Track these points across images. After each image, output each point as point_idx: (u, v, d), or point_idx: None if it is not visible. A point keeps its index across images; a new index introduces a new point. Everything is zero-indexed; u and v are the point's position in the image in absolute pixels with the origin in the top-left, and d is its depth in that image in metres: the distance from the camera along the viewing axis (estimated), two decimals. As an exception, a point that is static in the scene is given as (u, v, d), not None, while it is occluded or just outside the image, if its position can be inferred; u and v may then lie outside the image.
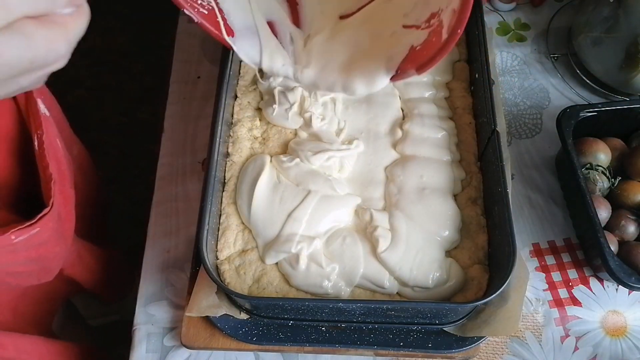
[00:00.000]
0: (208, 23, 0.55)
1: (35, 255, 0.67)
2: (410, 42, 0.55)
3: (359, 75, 0.58)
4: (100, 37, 1.94)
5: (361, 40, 0.60)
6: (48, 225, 0.62)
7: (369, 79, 0.58)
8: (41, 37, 0.36)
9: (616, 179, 0.72)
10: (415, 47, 0.54)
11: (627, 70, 0.77)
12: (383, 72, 0.57)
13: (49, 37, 0.37)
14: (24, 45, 0.35)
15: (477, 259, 0.62)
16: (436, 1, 0.52)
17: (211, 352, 0.66)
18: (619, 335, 0.68)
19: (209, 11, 0.56)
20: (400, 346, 0.61)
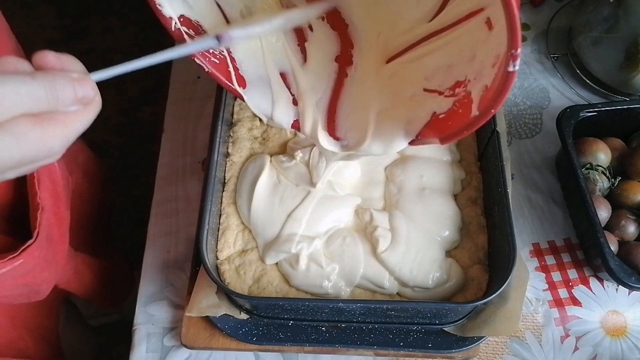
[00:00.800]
0: (219, 72, 0.54)
1: (22, 282, 0.66)
2: (432, 108, 0.50)
3: (376, 136, 0.54)
4: (100, 37, 1.94)
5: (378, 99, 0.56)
6: (33, 254, 0.61)
7: (386, 141, 0.54)
8: (35, 137, 0.35)
9: (616, 179, 0.72)
10: (438, 114, 0.50)
11: (627, 70, 0.77)
12: (402, 136, 0.52)
13: (44, 136, 0.36)
14: (13, 145, 0.34)
15: (477, 259, 0.62)
16: (461, 70, 0.48)
17: (211, 352, 0.66)
18: (619, 335, 0.68)
19: (220, 60, 0.54)
20: (400, 346, 0.61)
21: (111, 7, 1.98)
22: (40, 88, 0.35)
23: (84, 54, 1.77)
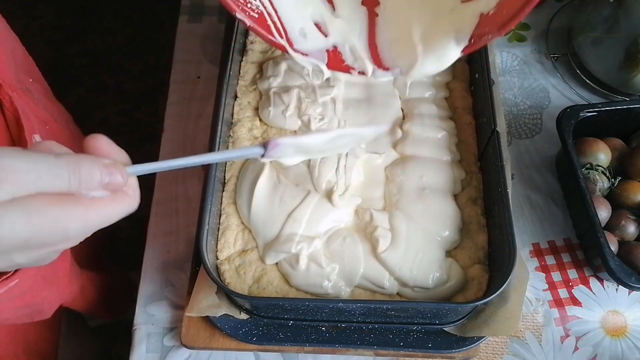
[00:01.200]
0: (259, 26, 0.56)
1: (22, 303, 0.64)
2: (477, 10, 0.52)
3: (428, 53, 0.55)
4: (100, 37, 1.94)
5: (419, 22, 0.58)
6: (29, 273, 0.58)
7: (439, 54, 0.55)
8: (49, 215, 0.33)
9: (616, 179, 0.72)
10: (487, 12, 0.52)
11: (627, 70, 0.77)
12: (453, 45, 0.54)
13: (59, 216, 0.34)
14: (22, 220, 0.32)
15: (477, 259, 0.62)
16: None
17: (211, 352, 0.66)
18: (619, 335, 0.68)
19: (259, 15, 0.57)
20: (400, 346, 0.61)
21: (111, 7, 1.98)
22: (63, 168, 0.34)
23: (84, 54, 1.79)
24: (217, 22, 0.91)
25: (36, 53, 0.78)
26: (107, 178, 0.37)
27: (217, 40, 0.88)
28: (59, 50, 1.90)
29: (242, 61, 0.76)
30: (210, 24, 0.91)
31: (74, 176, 0.35)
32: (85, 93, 1.83)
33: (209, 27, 0.91)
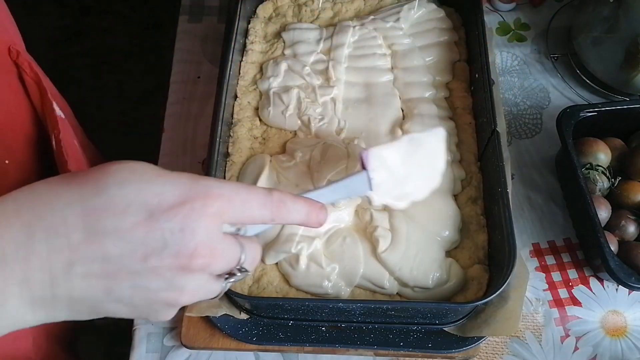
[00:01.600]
0: None
1: None
2: None
3: None
4: (100, 37, 1.94)
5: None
6: None
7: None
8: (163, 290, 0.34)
9: (616, 179, 0.72)
10: None
11: (627, 70, 0.77)
12: None
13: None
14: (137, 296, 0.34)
15: (477, 259, 0.62)
16: None
17: (211, 352, 0.66)
18: (619, 335, 0.68)
19: None
20: (400, 346, 0.61)
21: (111, 7, 1.98)
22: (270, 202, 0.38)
23: (84, 54, 1.79)
24: (217, 22, 0.91)
25: (36, 53, 0.78)
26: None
27: (217, 40, 0.88)
28: (59, 50, 1.90)
29: (242, 61, 0.76)
30: (210, 24, 0.91)
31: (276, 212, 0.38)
32: (85, 93, 1.83)
33: (209, 27, 0.91)
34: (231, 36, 0.71)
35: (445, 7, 0.81)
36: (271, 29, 0.81)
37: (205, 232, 0.34)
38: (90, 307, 0.34)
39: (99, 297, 0.33)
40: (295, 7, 0.82)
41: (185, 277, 0.34)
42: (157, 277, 0.33)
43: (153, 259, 0.33)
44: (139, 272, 0.33)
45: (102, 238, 0.32)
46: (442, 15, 0.80)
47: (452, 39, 0.78)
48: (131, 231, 0.32)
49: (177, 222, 0.33)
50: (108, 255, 0.32)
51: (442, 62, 0.75)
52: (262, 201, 0.37)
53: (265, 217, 0.38)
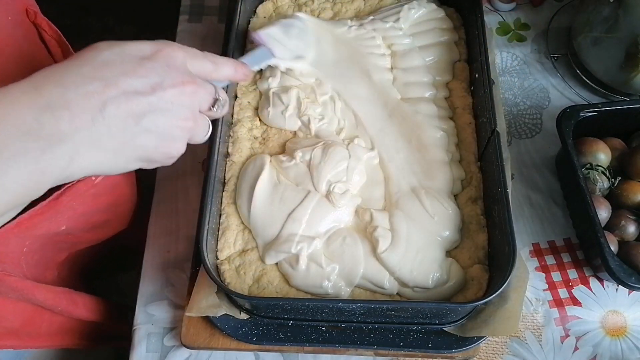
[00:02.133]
0: None
1: (112, 199, 0.72)
2: None
3: None
4: (100, 37, 1.94)
5: None
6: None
7: None
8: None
9: (616, 179, 0.72)
10: None
11: (627, 70, 0.77)
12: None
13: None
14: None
15: (477, 259, 0.62)
16: None
17: (211, 352, 0.66)
18: (618, 335, 0.68)
19: None
20: (400, 346, 0.61)
21: (111, 7, 1.98)
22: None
23: (84, 54, 1.69)
24: (217, 22, 0.91)
25: (36, 53, 0.78)
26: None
27: (217, 40, 0.88)
28: (59, 50, 1.89)
29: (242, 61, 0.76)
30: (210, 24, 0.91)
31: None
32: (85, 93, 1.83)
33: (209, 27, 0.91)
34: (231, 36, 0.71)
35: (445, 7, 0.81)
36: (271, 29, 0.81)
37: (180, 68, 0.46)
38: (127, 142, 0.42)
39: (132, 129, 0.42)
40: (295, 7, 0.82)
41: (184, 100, 0.45)
42: (167, 103, 0.43)
43: (159, 90, 0.43)
44: (155, 102, 0.43)
45: (116, 82, 0.41)
46: (442, 15, 0.79)
47: (452, 39, 0.78)
48: (135, 72, 0.42)
49: (160, 62, 0.44)
50: (126, 92, 0.41)
51: (442, 62, 0.75)
52: (205, 55, 0.50)
53: (208, 68, 0.50)
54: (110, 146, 0.41)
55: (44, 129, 0.37)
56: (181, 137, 0.46)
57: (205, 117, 0.49)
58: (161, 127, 0.44)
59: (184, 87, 0.45)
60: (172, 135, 0.45)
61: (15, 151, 0.36)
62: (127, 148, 0.42)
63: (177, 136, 0.46)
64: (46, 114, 0.38)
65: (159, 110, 0.43)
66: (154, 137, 0.44)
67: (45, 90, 0.38)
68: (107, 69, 0.41)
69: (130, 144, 0.42)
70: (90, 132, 0.39)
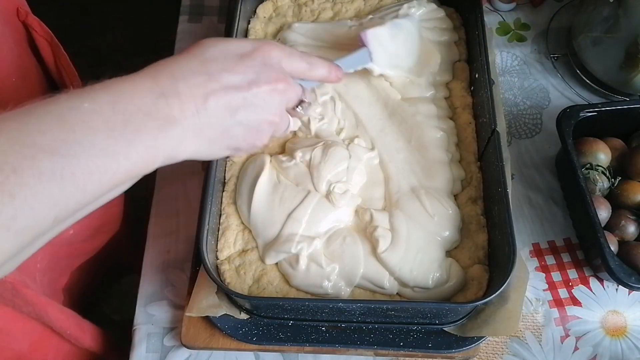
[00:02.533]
0: None
1: None
2: None
3: None
4: (100, 37, 1.94)
5: None
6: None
7: None
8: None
9: (616, 179, 0.72)
10: None
11: (627, 70, 0.77)
12: None
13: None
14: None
15: (477, 259, 0.62)
16: None
17: (211, 352, 0.66)
18: (619, 335, 0.68)
19: None
20: (400, 346, 0.61)
21: (111, 7, 1.98)
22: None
23: (85, 54, 1.77)
24: (217, 22, 0.91)
25: (36, 53, 0.78)
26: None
27: (217, 40, 0.88)
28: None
29: (242, 61, 0.76)
30: (210, 24, 0.91)
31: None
32: (85, 93, 1.83)
33: (209, 27, 0.91)
34: (231, 36, 0.71)
35: (445, 7, 0.81)
36: (271, 29, 0.81)
37: (276, 66, 0.50)
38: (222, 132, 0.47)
39: (228, 121, 0.46)
40: (295, 7, 0.82)
41: (275, 97, 0.49)
42: (259, 99, 0.48)
43: (254, 86, 0.47)
44: (249, 98, 0.47)
45: (217, 77, 0.46)
46: (442, 15, 0.79)
47: (452, 38, 0.78)
48: (235, 69, 0.47)
49: (259, 60, 0.48)
50: (226, 86, 0.46)
51: (442, 62, 0.75)
52: (301, 55, 0.53)
53: (303, 68, 0.53)
54: (208, 135, 0.45)
55: (160, 112, 0.42)
56: (267, 130, 0.51)
57: (288, 115, 0.54)
58: (252, 120, 0.48)
59: (277, 84, 0.49)
60: (260, 129, 0.50)
61: (138, 126, 0.41)
62: (221, 137, 0.47)
63: (264, 130, 0.50)
64: (161, 100, 0.42)
65: (252, 106, 0.47)
66: (244, 129, 0.48)
67: (160, 80, 0.43)
68: (211, 65, 0.46)
69: (224, 134, 0.47)
70: (195, 120, 0.44)
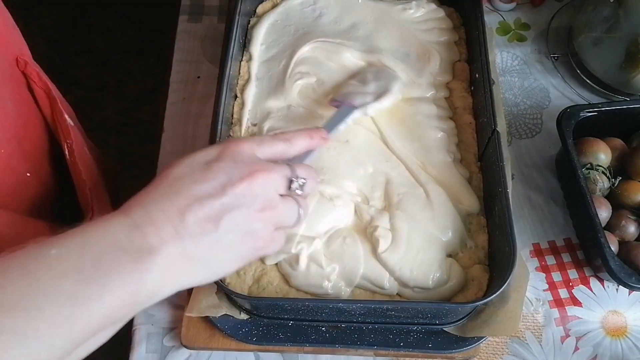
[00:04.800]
0: None
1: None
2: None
3: None
4: (100, 37, 1.94)
5: None
6: None
7: None
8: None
9: (616, 179, 0.72)
10: None
11: (627, 70, 0.77)
12: None
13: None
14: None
15: (477, 259, 0.62)
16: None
17: (211, 352, 0.66)
18: (619, 335, 0.68)
19: None
20: (400, 346, 0.61)
21: (111, 7, 1.98)
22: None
23: (84, 54, 1.78)
24: (217, 22, 0.91)
25: (36, 53, 0.78)
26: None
27: (217, 40, 0.88)
28: (59, 50, 1.90)
29: (242, 61, 0.76)
30: (210, 24, 0.91)
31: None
32: (85, 93, 1.83)
33: (209, 27, 0.91)
34: (231, 36, 0.71)
35: (445, 7, 0.81)
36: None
37: (247, 159, 0.46)
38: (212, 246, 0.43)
39: (213, 233, 0.42)
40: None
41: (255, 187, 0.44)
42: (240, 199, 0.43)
43: (229, 188, 0.43)
44: (227, 202, 0.43)
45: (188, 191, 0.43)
46: (442, 15, 0.80)
47: (452, 38, 0.78)
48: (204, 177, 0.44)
49: (227, 160, 0.45)
50: (199, 198, 0.42)
51: (442, 62, 0.75)
52: (273, 138, 0.49)
53: (280, 149, 0.49)
54: (197, 254, 0.42)
55: (135, 244, 0.39)
56: (264, 227, 0.46)
57: (289, 199, 0.47)
58: (242, 223, 0.44)
59: (254, 176, 0.44)
60: (254, 228, 0.45)
61: (111, 265, 0.38)
62: (214, 253, 0.43)
63: (259, 227, 0.45)
64: (135, 231, 0.40)
65: (234, 208, 0.43)
66: (238, 235, 0.44)
67: (132, 212, 0.41)
68: (180, 182, 0.43)
69: (216, 248, 0.43)
70: (177, 244, 0.41)
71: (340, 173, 0.66)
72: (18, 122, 0.60)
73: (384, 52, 0.74)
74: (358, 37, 0.76)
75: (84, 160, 0.66)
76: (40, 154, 0.65)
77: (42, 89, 0.65)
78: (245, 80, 0.74)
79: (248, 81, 0.74)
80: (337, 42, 0.74)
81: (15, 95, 0.61)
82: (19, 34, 0.65)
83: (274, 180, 0.46)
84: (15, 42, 0.63)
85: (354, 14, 0.79)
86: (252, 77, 0.74)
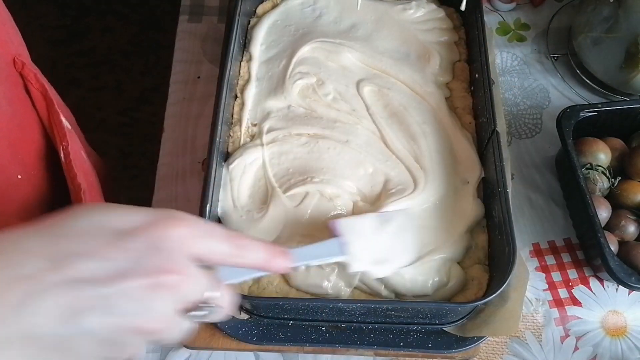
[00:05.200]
0: None
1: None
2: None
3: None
4: (100, 36, 1.94)
5: None
6: None
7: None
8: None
9: (616, 179, 0.72)
10: None
11: (627, 70, 0.77)
12: None
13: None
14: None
15: (477, 259, 0.62)
16: None
17: (211, 352, 0.66)
18: (619, 335, 0.68)
19: None
20: (400, 346, 0.61)
21: (111, 7, 1.98)
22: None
23: (84, 54, 1.79)
24: (217, 22, 0.91)
25: (36, 53, 0.78)
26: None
27: (217, 40, 0.88)
28: (59, 50, 1.90)
29: (242, 61, 0.76)
30: (210, 24, 0.91)
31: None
32: (85, 93, 1.83)
33: (209, 27, 0.91)
34: (231, 36, 0.71)
35: (445, 7, 0.81)
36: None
37: (170, 251, 0.34)
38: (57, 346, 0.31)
39: (66, 329, 0.31)
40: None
41: (155, 297, 0.33)
42: (127, 299, 0.32)
43: (119, 280, 0.32)
44: (108, 296, 0.31)
45: (68, 262, 0.31)
46: (442, 15, 0.80)
47: (452, 39, 0.78)
48: (98, 252, 0.32)
49: (144, 241, 0.33)
50: (74, 279, 0.31)
51: (442, 62, 0.75)
52: (223, 236, 0.37)
53: (224, 252, 0.37)
54: (29, 352, 0.31)
55: None
56: (134, 342, 0.34)
57: (183, 319, 0.36)
58: (107, 329, 0.32)
59: (161, 277, 0.33)
60: (121, 340, 0.33)
61: None
62: (53, 354, 0.32)
63: (128, 342, 0.34)
64: None
65: (110, 307, 0.32)
66: (95, 342, 0.32)
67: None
68: (64, 244, 0.32)
69: (58, 350, 0.31)
70: (8, 329, 0.30)
71: (340, 173, 0.66)
72: (12, 122, 0.60)
73: (385, 53, 0.74)
74: (358, 37, 0.76)
75: (80, 164, 0.66)
76: (35, 156, 0.65)
77: (39, 90, 0.64)
78: (245, 80, 0.74)
79: (248, 81, 0.74)
80: (337, 42, 0.74)
81: (10, 96, 0.60)
82: (18, 35, 0.65)
83: (184, 291, 0.35)
84: (13, 42, 0.63)
85: (354, 14, 0.79)
86: (252, 77, 0.74)
